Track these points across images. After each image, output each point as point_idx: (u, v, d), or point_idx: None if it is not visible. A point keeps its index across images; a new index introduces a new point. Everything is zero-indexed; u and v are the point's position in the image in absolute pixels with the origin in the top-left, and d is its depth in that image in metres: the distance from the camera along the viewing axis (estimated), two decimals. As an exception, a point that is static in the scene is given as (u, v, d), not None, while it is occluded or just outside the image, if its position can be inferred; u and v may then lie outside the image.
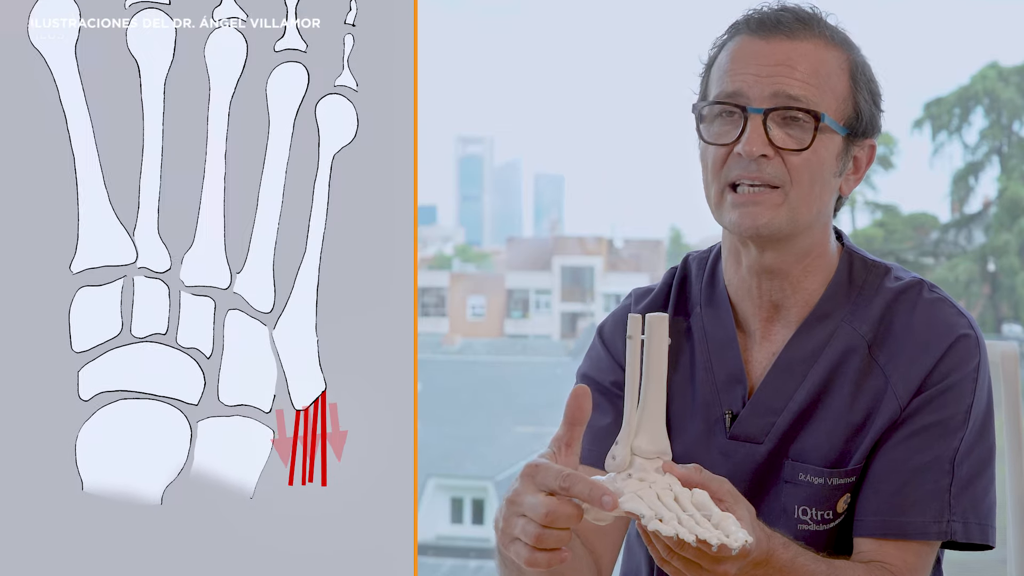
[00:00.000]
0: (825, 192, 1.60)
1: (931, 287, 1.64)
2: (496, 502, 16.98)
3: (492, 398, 19.71)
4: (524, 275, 26.05)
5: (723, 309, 1.66)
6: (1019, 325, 19.98)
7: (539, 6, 38.82)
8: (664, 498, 1.33)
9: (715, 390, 1.65)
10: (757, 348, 1.65)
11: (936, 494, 1.57)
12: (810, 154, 1.56)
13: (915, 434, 1.58)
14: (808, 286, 1.63)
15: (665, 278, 1.74)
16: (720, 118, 1.59)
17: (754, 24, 1.60)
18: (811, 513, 1.61)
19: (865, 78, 1.61)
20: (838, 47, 1.60)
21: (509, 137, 55.63)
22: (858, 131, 1.61)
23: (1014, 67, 21.18)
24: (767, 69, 1.57)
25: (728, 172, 1.58)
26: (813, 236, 1.62)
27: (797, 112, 1.56)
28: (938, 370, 1.59)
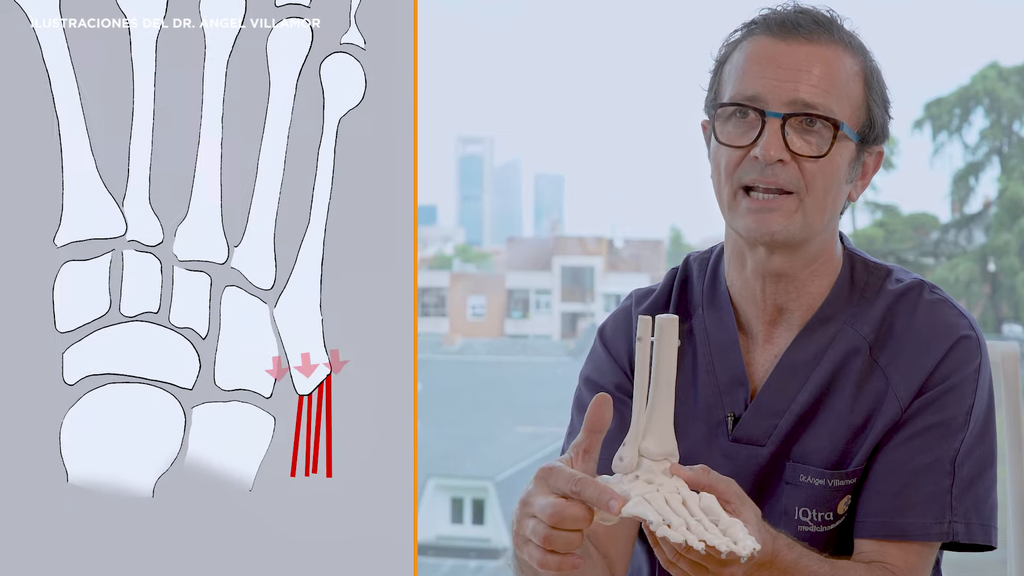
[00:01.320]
0: (837, 198, 1.61)
1: (932, 288, 1.65)
2: (496, 502, 17.12)
3: (492, 398, 19.93)
4: (524, 275, 26.31)
5: (725, 311, 1.67)
6: (1019, 325, 20.15)
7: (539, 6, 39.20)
8: (672, 502, 1.35)
9: (717, 392, 1.66)
10: (759, 350, 1.67)
11: (937, 495, 1.59)
12: (826, 162, 1.57)
13: (916, 435, 1.60)
14: (813, 289, 1.65)
15: (666, 279, 1.75)
16: (735, 119, 1.59)
17: (773, 25, 1.60)
18: (811, 515, 1.62)
19: (879, 85, 1.63)
20: (854, 53, 1.61)
21: (509, 137, 56.48)
22: (870, 138, 1.62)
23: (1014, 67, 21.34)
24: (786, 73, 1.57)
25: (742, 175, 1.58)
26: (824, 241, 1.64)
27: (815, 119, 1.57)
28: (939, 371, 1.60)
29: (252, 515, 1.77)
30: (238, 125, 1.77)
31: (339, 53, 1.78)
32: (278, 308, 1.78)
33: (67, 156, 1.76)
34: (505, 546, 16.38)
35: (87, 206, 1.76)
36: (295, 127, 1.77)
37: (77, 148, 1.76)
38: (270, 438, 1.78)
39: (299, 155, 1.77)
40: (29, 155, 1.76)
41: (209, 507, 1.77)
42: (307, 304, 1.78)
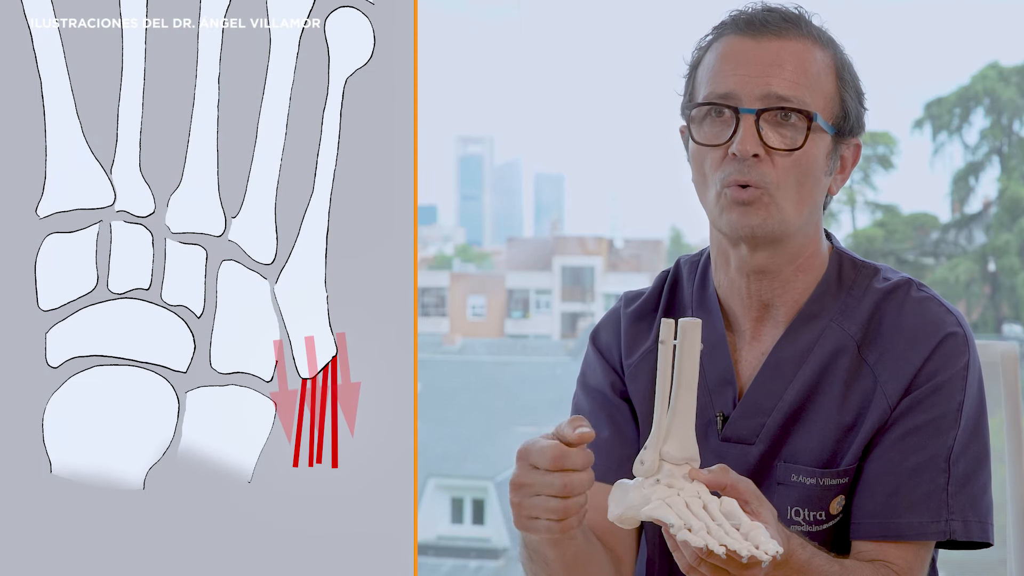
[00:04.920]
0: (816, 192, 1.66)
1: (919, 286, 1.69)
2: (496, 502, 17.24)
3: (492, 398, 20.20)
4: (524, 275, 26.72)
5: (713, 311, 1.72)
6: (1019, 325, 20.39)
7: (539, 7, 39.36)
8: (693, 506, 1.40)
9: (707, 392, 1.69)
10: (747, 348, 1.71)
11: (933, 494, 1.62)
12: (802, 154, 1.62)
13: (908, 435, 1.63)
14: (798, 286, 1.69)
15: (656, 281, 1.81)
16: (710, 118, 1.65)
17: (742, 24, 1.66)
18: (804, 514, 1.65)
19: (850, 76, 1.68)
20: (824, 47, 1.67)
21: (509, 137, 57.02)
22: (845, 130, 1.67)
23: (1014, 67, 21.67)
24: (758, 68, 1.63)
25: (722, 174, 1.63)
26: (806, 236, 1.68)
27: (789, 112, 1.62)
28: (926, 369, 1.63)
29: (250, 509, 1.75)
30: (236, 85, 1.76)
31: (345, 8, 1.77)
32: (279, 284, 1.77)
33: (50, 120, 1.74)
34: (505, 546, 16.57)
35: (72, 173, 1.75)
36: (298, 87, 1.76)
37: (61, 111, 1.74)
38: (270, 426, 1.76)
39: (302, 118, 1.76)
40: (9, 118, 1.74)
41: (204, 500, 1.75)
42: (311, 280, 1.77)
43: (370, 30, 1.76)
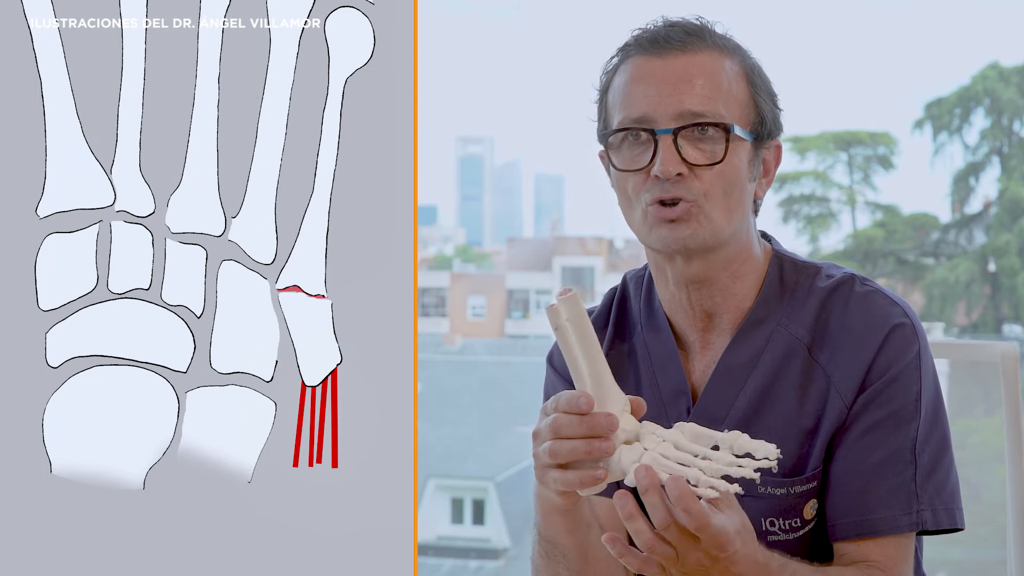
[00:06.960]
0: (743, 199, 1.66)
1: (863, 280, 1.69)
2: (496, 502, 17.22)
3: (492, 398, 20.15)
4: (524, 275, 26.63)
5: (662, 327, 1.73)
6: (1019, 325, 20.36)
7: (539, 7, 39.25)
8: (670, 455, 1.42)
9: (661, 404, 1.71)
10: (697, 359, 1.72)
11: (902, 486, 1.63)
12: (724, 166, 1.62)
13: (869, 431, 1.63)
14: (738, 291, 1.69)
15: (605, 299, 1.82)
16: (628, 143, 1.65)
17: (645, 43, 1.66)
18: (779, 523, 1.66)
19: (761, 80, 1.68)
20: (731, 54, 1.67)
21: (509, 137, 57.02)
22: (763, 135, 1.67)
23: (1014, 67, 21.63)
24: (668, 87, 1.63)
25: (646, 195, 1.64)
26: (739, 243, 1.68)
27: (706, 127, 1.62)
28: (878, 363, 1.63)
29: (250, 509, 1.75)
30: (236, 85, 1.75)
31: (345, 8, 1.77)
32: (279, 284, 1.76)
33: (50, 120, 1.74)
34: (506, 546, 16.54)
35: (72, 173, 1.74)
36: (298, 87, 1.75)
37: (61, 111, 1.73)
38: (271, 426, 1.76)
39: (303, 117, 1.76)
40: (9, 118, 1.73)
41: (204, 500, 1.75)
42: (311, 280, 1.76)
43: (370, 30, 1.76)
